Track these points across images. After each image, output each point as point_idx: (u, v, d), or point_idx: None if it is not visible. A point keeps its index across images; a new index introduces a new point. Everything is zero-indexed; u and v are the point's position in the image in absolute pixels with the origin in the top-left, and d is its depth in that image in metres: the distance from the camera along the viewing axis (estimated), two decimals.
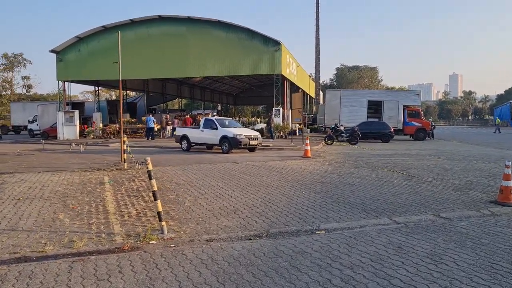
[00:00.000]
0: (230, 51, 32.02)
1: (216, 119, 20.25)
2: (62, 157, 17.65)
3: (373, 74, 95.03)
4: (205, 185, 10.34)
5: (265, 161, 15.83)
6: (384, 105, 33.25)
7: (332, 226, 6.68)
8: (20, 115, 47.65)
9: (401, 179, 11.33)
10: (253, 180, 11.16)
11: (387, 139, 28.96)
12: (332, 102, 34.65)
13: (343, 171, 12.92)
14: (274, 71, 31.66)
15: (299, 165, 14.49)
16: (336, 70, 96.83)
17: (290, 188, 9.90)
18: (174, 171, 12.91)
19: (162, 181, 10.95)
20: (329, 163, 15.16)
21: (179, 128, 22.49)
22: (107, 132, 34.71)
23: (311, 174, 12.15)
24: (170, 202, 8.45)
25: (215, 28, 32.31)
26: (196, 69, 33.46)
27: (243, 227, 6.63)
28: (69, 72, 34.64)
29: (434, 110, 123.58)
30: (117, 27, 33.48)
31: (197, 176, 11.91)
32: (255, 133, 19.99)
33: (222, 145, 19.01)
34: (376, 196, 9.00)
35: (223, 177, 11.61)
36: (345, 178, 11.38)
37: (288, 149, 21.04)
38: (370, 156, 17.90)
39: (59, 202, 8.40)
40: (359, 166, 14.21)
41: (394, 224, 6.84)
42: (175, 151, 20.64)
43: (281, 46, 31.02)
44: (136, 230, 6.43)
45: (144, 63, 33.46)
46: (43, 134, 36.31)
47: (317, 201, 8.45)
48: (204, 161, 15.77)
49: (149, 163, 6.33)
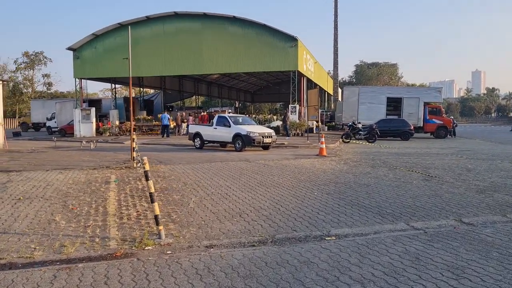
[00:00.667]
0: (246, 47, 31.55)
1: (229, 116, 19.84)
2: (74, 155, 17.49)
3: (393, 70, 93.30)
4: (213, 185, 9.92)
5: (279, 159, 15.34)
6: (404, 102, 32.30)
7: (343, 232, 6.17)
8: (40, 112, 48.09)
9: (420, 179, 10.71)
10: (263, 179, 10.69)
11: (407, 137, 28.10)
12: (350, 99, 33.86)
13: (359, 170, 12.34)
14: (291, 68, 31.07)
15: (313, 164, 13.96)
16: (355, 67, 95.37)
17: (302, 189, 9.40)
18: (184, 170, 12.54)
19: (170, 180, 10.58)
20: (345, 162, 14.59)
21: (192, 125, 22.15)
22: (123, 129, 34.66)
23: (325, 174, 11.62)
24: (174, 203, 8.04)
25: (230, 24, 31.89)
26: (211, 66, 33.11)
27: (247, 232, 6.17)
28: (86, 70, 34.68)
29: (456, 108, 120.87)
30: (132, 24, 33.30)
31: (206, 175, 11.51)
32: (269, 130, 19.50)
33: (235, 143, 18.58)
34: (393, 198, 8.43)
35: (233, 177, 11.17)
36: (360, 179, 10.82)
37: (304, 147, 20.49)
38: (388, 155, 17.23)
39: (59, 203, 8.08)
40: (376, 165, 13.60)
41: (411, 230, 6.29)
42: (188, 149, 20.32)
43: (297, 42, 30.41)
44: (133, 234, 6.04)
45: (159, 60, 33.28)
46: (60, 131, 36.55)
47: (329, 203, 7.94)
48: (216, 159, 15.37)
49: (145, 163, 5.92)
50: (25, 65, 71.32)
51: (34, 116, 49.46)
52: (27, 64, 71.58)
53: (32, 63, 71.85)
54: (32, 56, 71.18)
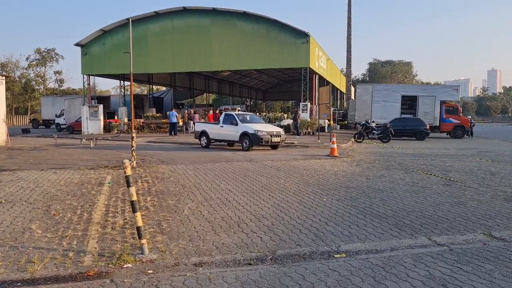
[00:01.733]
0: (256, 43, 30.72)
1: (236, 114, 19.02)
2: (74, 153, 16.88)
3: (408, 69, 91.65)
4: (213, 188, 9.14)
5: (287, 160, 14.51)
6: (419, 101, 31.19)
7: (355, 248, 5.34)
8: (50, 109, 47.88)
9: (440, 184, 9.80)
10: (268, 182, 9.88)
11: (422, 137, 27.03)
12: (363, 97, 32.83)
13: (373, 173, 11.46)
14: (302, 65, 30.17)
15: (323, 165, 13.10)
16: (369, 65, 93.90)
17: (310, 194, 8.57)
18: (185, 171, 11.79)
19: (168, 182, 9.83)
20: (357, 163, 13.70)
21: (198, 123, 21.36)
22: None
23: (335, 177, 10.77)
24: (167, 209, 7.28)
25: (240, 20, 31.08)
26: (221, 62, 32.34)
27: (245, 246, 5.38)
28: (94, 66, 34.21)
29: (472, 107, 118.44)
30: (141, 19, 32.81)
31: (208, 177, 10.74)
32: (278, 129, 18.65)
33: (242, 142, 17.77)
34: (411, 206, 7.56)
35: (236, 179, 10.39)
36: (374, 182, 9.94)
37: (314, 147, 19.62)
38: (403, 156, 16.29)
39: (42, 207, 7.38)
40: (391, 167, 12.69)
41: (434, 246, 5.43)
42: (193, 148, 19.60)
43: (309, 38, 29.49)
44: (113, 248, 5.29)
45: (168, 57, 32.65)
46: (68, 128, 36.17)
47: (339, 212, 7.10)
48: (221, 159, 14.60)
49: (127, 166, 5.15)
50: (37, 62, 71.42)
51: (44, 113, 49.30)
52: (39, 61, 71.67)
53: (44, 60, 71.91)
54: (44, 53, 71.24)
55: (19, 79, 70.30)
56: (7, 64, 68.60)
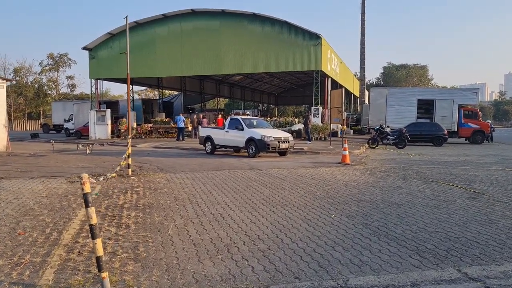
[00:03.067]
0: (266, 46, 29.79)
1: (242, 119, 18.04)
2: (71, 159, 16.09)
3: (423, 72, 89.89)
4: (209, 201, 8.18)
5: (295, 168, 13.49)
6: (437, 104, 29.87)
7: (367, 283, 4.32)
8: (61, 114, 47.58)
9: (464, 197, 8.69)
10: (271, 194, 8.89)
11: (440, 143, 25.74)
12: (377, 101, 31.62)
13: (388, 183, 10.38)
14: (314, 67, 29.15)
15: (333, 174, 12.06)
16: (383, 69, 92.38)
17: (316, 209, 7.56)
18: (182, 180, 10.87)
19: (160, 194, 8.91)
20: (371, 172, 12.61)
21: (203, 128, 20.42)
22: (139, 131, 33.45)
23: (346, 188, 9.72)
24: (151, 228, 6.34)
25: (250, 22, 30.20)
26: (230, 66, 31.50)
27: (231, 279, 4.39)
28: (101, 70, 33.66)
29: (489, 111, 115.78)
30: (149, 22, 32.25)
31: (206, 187, 9.79)
32: (286, 135, 17.62)
33: (248, 148, 16.79)
34: (433, 225, 6.50)
35: (236, 190, 9.41)
36: (390, 195, 8.88)
37: (325, 154, 18.56)
38: (421, 164, 15.14)
39: (11, 224, 6.50)
40: (408, 177, 11.59)
41: (466, 281, 4.38)
42: (198, 154, 18.69)
43: (321, 40, 28.47)
44: (71, 281, 4.35)
45: (177, 60, 31.92)
46: (76, 133, 35.70)
47: (349, 232, 6.08)
48: (223, 167, 13.64)
49: (84, 182, 4.22)
50: (49, 66, 71.62)
51: (55, 118, 49.08)
52: (52, 66, 71.87)
53: (56, 64, 72.11)
54: (56, 57, 71.45)
55: (32, 84, 70.57)
56: (20, 69, 68.88)
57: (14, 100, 68.98)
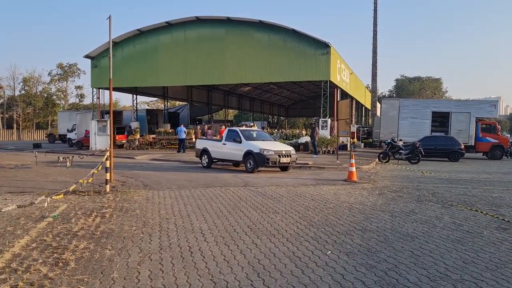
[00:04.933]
0: (273, 55, 28.52)
1: (241, 130, 16.64)
2: (53, 173, 14.86)
3: (437, 85, 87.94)
4: (182, 228, 6.82)
5: (294, 185, 12.06)
6: (452, 117, 28.22)
7: None
8: (66, 124, 46.91)
9: (492, 227, 7.19)
10: (260, 220, 7.49)
11: (457, 158, 24.07)
12: (389, 113, 30.06)
13: (400, 207, 8.90)
14: (322, 77, 27.75)
15: (337, 194, 10.60)
16: (396, 81, 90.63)
17: (310, 241, 6.14)
18: (163, 199, 9.53)
19: (129, 218, 7.57)
20: (380, 191, 11.13)
21: (200, 140, 19.04)
22: (141, 142, 32.33)
23: (350, 212, 8.27)
24: (93, 267, 4.98)
25: (256, 30, 29.00)
26: (235, 75, 30.22)
27: None
28: (103, 79, 32.52)
29: (505, 125, 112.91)
30: (152, 30, 31.28)
31: (186, 209, 8.42)
32: (288, 148, 16.17)
33: (246, 162, 15.39)
34: (457, 269, 5.03)
35: (219, 213, 8.02)
36: (401, 223, 7.41)
37: (331, 169, 17.09)
38: (437, 182, 13.59)
39: None
40: (423, 198, 10.09)
41: None
42: (194, 168, 17.34)
43: (330, 49, 27.12)
44: None
45: (180, 69, 30.81)
46: (77, 143, 34.72)
47: (347, 279, 4.65)
48: (215, 184, 12.27)
49: None
50: (58, 76, 71.37)
51: (61, 128, 48.30)
52: (61, 75, 71.62)
53: (66, 74, 71.84)
54: (66, 67, 71.21)
55: (41, 93, 70.28)
56: (29, 79, 68.65)
57: (23, 109, 68.79)
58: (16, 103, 67.32)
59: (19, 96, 68.24)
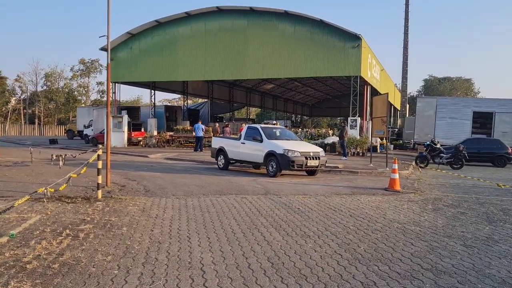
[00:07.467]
0: (299, 48, 26.42)
1: (262, 128, 14.55)
2: (47, 172, 13.17)
3: (468, 85, 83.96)
4: (176, 261, 4.87)
5: (326, 195, 9.98)
6: (496, 118, 25.63)
7: None
8: (85, 120, 46.01)
9: None
10: (285, 248, 5.47)
11: (503, 163, 21.49)
12: (425, 112, 27.59)
13: (470, 231, 6.72)
14: (352, 73, 25.53)
15: (381, 208, 8.48)
16: (424, 81, 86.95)
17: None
18: (163, 211, 7.61)
19: (107, 240, 5.66)
20: (434, 206, 8.95)
21: (216, 138, 17.08)
22: (159, 140, 30.74)
23: (405, 238, 6.17)
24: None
25: (281, 21, 26.93)
26: (257, 70, 28.23)
27: None
28: (120, 73, 31.14)
29: None
30: (171, 21, 29.61)
31: (188, 226, 6.48)
32: (317, 149, 14.04)
33: (268, 164, 13.36)
34: None
35: (231, 235, 6.04)
36: (484, 259, 5.27)
37: (365, 174, 14.92)
38: (497, 193, 11.28)
39: None
40: (493, 217, 7.86)
41: None
42: (208, 170, 15.41)
43: (361, 42, 24.86)
44: None
45: (200, 63, 29.05)
46: (92, 140, 33.41)
47: None
48: (230, 191, 10.30)
49: None
50: (80, 72, 70.84)
51: (79, 124, 47.43)
52: (83, 71, 71.09)
53: (88, 70, 71.28)
54: (88, 63, 70.64)
55: (63, 89, 69.82)
56: (51, 74, 68.26)
57: (44, 105, 68.49)
58: (38, 99, 67.07)
59: (41, 92, 67.94)
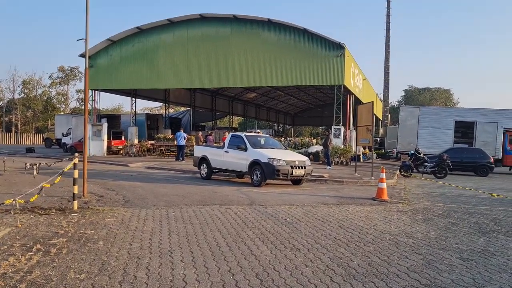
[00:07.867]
0: (282, 56, 26.26)
1: (246, 136, 14.19)
2: (21, 182, 12.57)
3: (448, 96, 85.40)
4: (156, 279, 4.46)
5: (313, 205, 9.67)
6: (478, 127, 25.83)
7: None
8: (63, 128, 44.93)
9: None
10: (274, 262, 5.11)
11: (485, 172, 21.62)
12: (407, 122, 27.67)
13: (464, 243, 6.47)
14: (335, 81, 25.42)
15: (370, 219, 8.19)
16: (404, 92, 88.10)
17: None
18: (143, 222, 7.17)
19: (80, 256, 5.21)
20: (424, 216, 8.71)
21: (199, 146, 16.64)
22: (140, 149, 30.08)
23: (399, 250, 5.87)
24: None
25: (264, 29, 26.76)
26: (240, 78, 27.93)
27: None
28: (100, 80, 30.46)
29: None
30: (153, 28, 29.11)
31: (170, 239, 6.06)
32: (303, 158, 13.74)
33: (253, 174, 12.99)
34: None
35: (215, 248, 5.65)
36: (483, 274, 4.99)
37: (350, 183, 14.69)
38: (485, 202, 11.15)
39: None
40: (485, 228, 7.65)
41: None
42: (190, 179, 14.97)
43: (344, 51, 24.84)
44: None
45: (182, 71, 28.58)
46: (70, 149, 32.49)
47: None
48: (214, 201, 9.90)
49: None
50: (59, 79, 69.50)
51: (58, 132, 46.29)
52: (62, 79, 69.75)
53: (67, 78, 69.97)
54: (67, 71, 69.34)
55: (41, 97, 68.32)
56: (29, 82, 66.74)
57: (22, 113, 66.85)
58: (16, 106, 65.45)
59: (18, 99, 66.34)
